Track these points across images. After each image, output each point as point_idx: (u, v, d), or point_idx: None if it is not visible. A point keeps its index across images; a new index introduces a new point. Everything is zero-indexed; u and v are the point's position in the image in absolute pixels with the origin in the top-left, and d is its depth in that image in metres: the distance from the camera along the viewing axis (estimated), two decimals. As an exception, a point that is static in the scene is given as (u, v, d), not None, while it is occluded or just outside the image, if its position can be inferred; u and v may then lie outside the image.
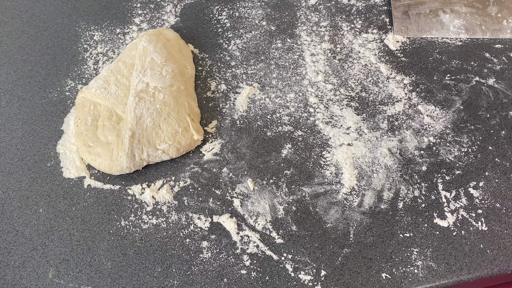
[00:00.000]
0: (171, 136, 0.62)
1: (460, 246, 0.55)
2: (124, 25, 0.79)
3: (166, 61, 0.68)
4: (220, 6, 0.82)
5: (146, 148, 0.61)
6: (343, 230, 0.57)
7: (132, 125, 0.61)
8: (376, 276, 0.53)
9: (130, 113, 0.62)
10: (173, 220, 0.58)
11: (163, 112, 0.62)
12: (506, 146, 0.64)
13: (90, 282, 0.54)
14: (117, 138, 0.61)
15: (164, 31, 0.74)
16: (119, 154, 0.60)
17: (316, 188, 0.60)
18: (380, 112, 0.68)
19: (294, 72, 0.72)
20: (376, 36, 0.78)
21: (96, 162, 0.61)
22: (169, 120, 0.62)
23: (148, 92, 0.64)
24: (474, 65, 0.73)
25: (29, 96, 0.70)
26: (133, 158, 0.60)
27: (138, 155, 0.60)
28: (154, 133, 0.61)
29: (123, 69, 0.68)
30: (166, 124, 0.62)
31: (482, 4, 0.78)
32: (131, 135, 0.60)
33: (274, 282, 0.53)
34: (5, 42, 0.78)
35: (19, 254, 0.56)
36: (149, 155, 0.61)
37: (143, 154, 0.61)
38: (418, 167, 0.62)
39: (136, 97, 0.63)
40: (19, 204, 0.60)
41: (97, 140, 0.62)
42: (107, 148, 0.61)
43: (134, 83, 0.65)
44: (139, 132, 0.61)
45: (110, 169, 0.60)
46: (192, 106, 0.66)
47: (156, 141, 0.61)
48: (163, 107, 0.63)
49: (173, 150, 0.62)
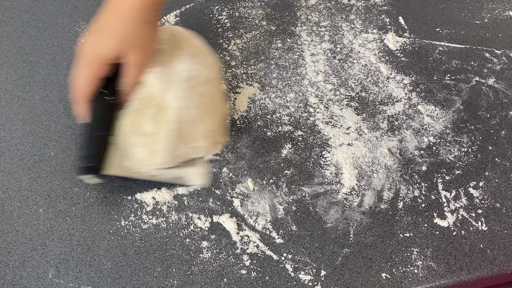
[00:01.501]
0: (205, 135, 0.61)
1: (460, 246, 0.55)
2: (124, 25, 0.79)
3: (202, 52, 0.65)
4: (220, 6, 0.82)
5: (182, 145, 0.59)
6: (343, 230, 0.57)
7: (173, 119, 0.58)
8: (376, 276, 0.53)
9: (171, 102, 0.58)
10: (173, 220, 0.58)
11: (202, 108, 0.60)
12: (506, 146, 0.64)
13: (90, 282, 0.54)
14: (156, 130, 0.59)
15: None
16: (156, 148, 0.58)
17: (316, 188, 0.60)
18: (380, 112, 0.68)
19: (294, 72, 0.72)
20: (376, 36, 0.78)
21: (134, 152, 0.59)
22: (207, 118, 0.60)
23: (191, 83, 0.60)
24: (474, 65, 0.73)
25: (29, 96, 0.70)
26: (170, 155, 0.59)
27: (174, 151, 0.59)
28: (191, 130, 0.59)
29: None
30: (204, 122, 0.60)
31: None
32: (169, 130, 0.58)
33: (274, 282, 0.53)
34: (5, 42, 0.78)
35: (19, 254, 0.56)
36: (184, 152, 0.60)
37: (179, 151, 0.59)
38: (418, 167, 0.62)
39: (180, 86, 0.59)
40: (19, 204, 0.60)
41: (136, 130, 0.59)
42: (144, 140, 0.59)
43: (177, 72, 0.60)
44: (177, 126, 0.58)
45: (148, 162, 0.59)
46: (225, 106, 0.64)
47: (191, 138, 0.60)
48: (204, 103, 0.60)
49: (203, 150, 0.61)
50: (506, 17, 0.81)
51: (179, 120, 0.58)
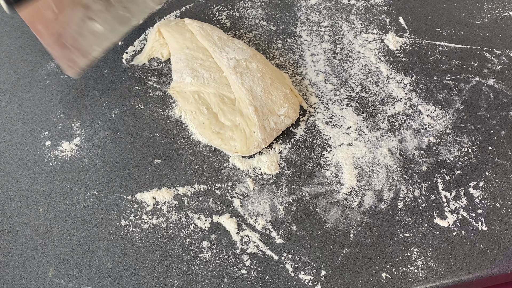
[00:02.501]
0: (284, 99, 0.63)
1: (460, 246, 0.55)
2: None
3: (227, 35, 0.69)
4: (220, 6, 0.82)
5: (270, 117, 0.61)
6: (343, 230, 0.57)
7: (250, 100, 0.61)
8: (376, 276, 0.53)
9: (240, 90, 0.62)
10: (173, 220, 0.58)
11: (266, 79, 0.63)
12: (506, 146, 0.64)
13: (90, 282, 0.54)
14: (243, 117, 0.62)
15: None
16: (252, 130, 0.61)
17: (316, 188, 0.60)
18: (380, 112, 0.68)
19: (294, 72, 0.72)
20: (376, 36, 0.78)
21: (231, 146, 0.62)
22: (275, 84, 0.63)
23: (241, 65, 0.64)
24: (474, 65, 0.73)
25: (29, 96, 0.70)
26: (264, 130, 0.61)
27: (267, 125, 0.61)
28: (270, 100, 0.62)
29: (196, 53, 0.68)
30: (275, 89, 0.63)
31: None
32: (254, 109, 0.61)
33: (274, 282, 0.53)
34: (5, 42, 0.78)
35: (19, 254, 0.56)
36: (275, 122, 0.62)
37: (270, 123, 0.61)
38: (418, 167, 0.62)
39: (236, 74, 0.63)
40: (19, 204, 0.60)
41: (223, 126, 0.63)
42: (238, 130, 0.62)
43: (223, 61, 0.65)
44: (258, 104, 0.61)
45: (247, 147, 0.61)
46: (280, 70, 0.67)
47: (274, 107, 0.62)
48: (263, 75, 0.64)
49: (291, 112, 0.63)
50: (506, 17, 0.81)
51: (253, 101, 0.61)
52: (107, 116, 0.68)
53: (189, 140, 0.65)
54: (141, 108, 0.69)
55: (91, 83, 0.72)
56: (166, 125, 0.66)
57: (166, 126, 0.66)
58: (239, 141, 0.61)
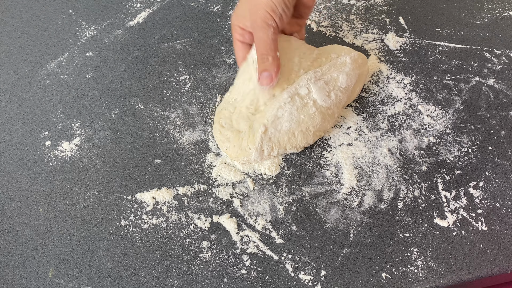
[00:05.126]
0: (301, 146, 0.62)
1: (460, 246, 0.55)
2: (125, 25, 0.79)
3: (345, 89, 0.64)
4: (220, 6, 0.82)
5: (276, 148, 0.60)
6: (343, 230, 0.57)
7: (268, 122, 0.59)
8: (376, 276, 0.53)
9: (271, 109, 0.60)
10: (173, 220, 0.58)
11: (303, 124, 0.61)
12: (506, 146, 0.64)
13: (90, 282, 0.54)
14: (249, 130, 0.60)
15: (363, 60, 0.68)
16: (249, 146, 0.59)
17: (316, 188, 0.60)
18: (380, 112, 0.68)
19: (294, 72, 0.72)
20: (376, 36, 0.78)
21: (224, 145, 0.61)
22: (306, 134, 0.61)
23: (303, 99, 0.61)
24: (474, 65, 0.73)
25: (29, 96, 0.70)
26: (262, 153, 0.60)
27: (267, 151, 0.60)
28: (287, 138, 0.60)
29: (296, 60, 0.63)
30: (302, 136, 0.61)
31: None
32: (264, 131, 0.59)
33: (274, 282, 0.53)
34: (5, 42, 0.78)
35: (19, 254, 0.56)
36: (279, 153, 0.61)
37: (273, 151, 0.60)
38: (418, 167, 0.62)
39: (289, 96, 0.60)
40: (19, 204, 0.60)
41: (230, 123, 0.62)
42: (237, 136, 0.60)
43: (299, 82, 0.61)
44: (271, 131, 0.60)
45: (236, 156, 0.60)
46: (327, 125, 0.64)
47: (287, 145, 0.61)
48: (307, 121, 0.61)
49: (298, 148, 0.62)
50: (506, 17, 0.81)
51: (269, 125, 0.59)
52: (107, 116, 0.68)
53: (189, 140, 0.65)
54: (141, 108, 0.69)
55: (91, 83, 0.72)
56: (166, 125, 0.67)
57: (166, 126, 0.66)
58: (232, 146, 0.60)
